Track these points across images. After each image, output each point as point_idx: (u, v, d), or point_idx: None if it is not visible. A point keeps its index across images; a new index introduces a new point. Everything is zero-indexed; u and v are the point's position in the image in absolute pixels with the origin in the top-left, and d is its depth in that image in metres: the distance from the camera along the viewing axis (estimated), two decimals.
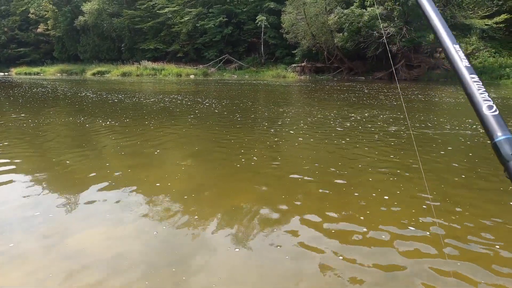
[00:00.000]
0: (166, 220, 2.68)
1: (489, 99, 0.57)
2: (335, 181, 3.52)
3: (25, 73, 39.51)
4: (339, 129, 6.35)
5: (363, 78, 25.51)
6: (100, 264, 2.10)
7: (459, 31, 23.57)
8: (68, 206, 2.93)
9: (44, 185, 3.46)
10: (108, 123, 7.03)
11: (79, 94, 14.16)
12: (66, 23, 41.32)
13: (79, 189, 3.32)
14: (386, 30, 21.78)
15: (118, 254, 2.21)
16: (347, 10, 23.32)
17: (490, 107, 0.56)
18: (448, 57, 0.63)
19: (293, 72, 28.62)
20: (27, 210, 2.84)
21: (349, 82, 22.09)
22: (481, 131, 6.04)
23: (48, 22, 43.10)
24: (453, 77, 23.07)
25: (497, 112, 0.56)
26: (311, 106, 10.33)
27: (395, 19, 22.19)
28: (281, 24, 28.31)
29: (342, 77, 26.52)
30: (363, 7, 23.43)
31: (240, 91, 15.27)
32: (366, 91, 15.18)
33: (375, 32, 22.19)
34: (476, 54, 24.53)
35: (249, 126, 6.83)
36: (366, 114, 8.00)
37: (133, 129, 6.43)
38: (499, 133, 0.54)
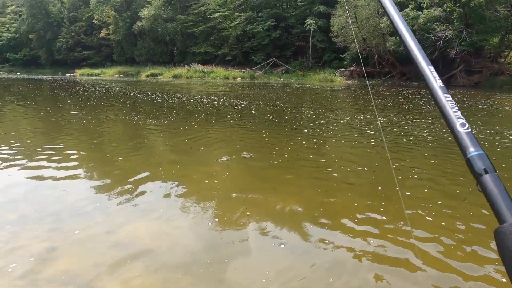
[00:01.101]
0: (216, 217, 2.76)
1: (462, 117, 0.59)
2: (376, 185, 3.39)
3: (88, 74, 42.86)
4: (370, 132, 6.42)
5: (416, 83, 24.18)
6: (148, 256, 2.21)
7: None
8: (123, 200, 3.12)
9: (102, 180, 3.72)
10: (157, 121, 7.40)
11: (129, 93, 15.11)
12: (125, 28, 44.18)
13: (133, 184, 3.52)
14: (444, 33, 20.48)
15: (166, 247, 2.31)
16: (401, 12, 22.33)
17: (463, 125, 0.58)
18: (423, 78, 0.66)
19: (341, 76, 27.97)
20: (89, 202, 3.09)
21: (398, 87, 21.10)
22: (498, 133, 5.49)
23: (110, 27, 46.40)
24: None
25: (469, 130, 0.57)
26: (348, 110, 10.21)
27: (455, 21, 20.80)
28: (330, 28, 27.82)
29: (393, 82, 25.39)
30: (419, 9, 22.28)
31: (281, 94, 15.30)
32: (410, 96, 14.49)
33: (431, 35, 20.99)
34: None
35: (284, 127, 7.01)
36: (395, 119, 8.02)
37: (179, 127, 6.75)
38: (471, 149, 0.55)
